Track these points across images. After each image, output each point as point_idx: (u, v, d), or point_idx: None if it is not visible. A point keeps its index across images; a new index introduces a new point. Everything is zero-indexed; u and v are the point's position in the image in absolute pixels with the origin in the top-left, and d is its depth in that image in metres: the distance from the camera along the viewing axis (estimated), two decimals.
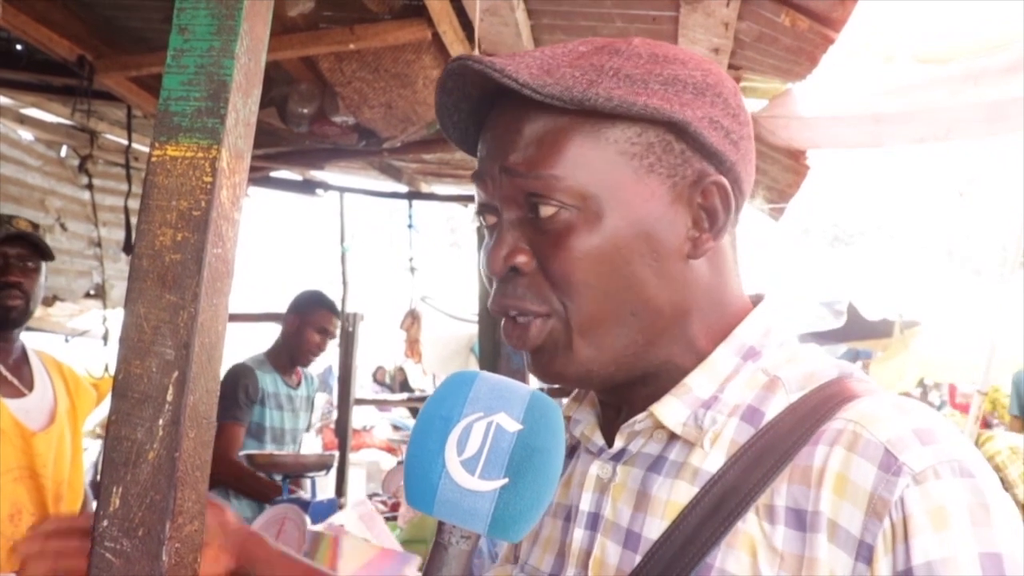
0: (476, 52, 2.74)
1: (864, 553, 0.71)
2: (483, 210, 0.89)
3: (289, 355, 4.05)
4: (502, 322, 0.88)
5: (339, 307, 5.16)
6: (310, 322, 4.01)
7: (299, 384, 4.17)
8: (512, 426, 0.71)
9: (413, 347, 6.49)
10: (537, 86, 0.80)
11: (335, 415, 9.08)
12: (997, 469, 6.59)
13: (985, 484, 0.73)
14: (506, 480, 0.70)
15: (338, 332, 4.22)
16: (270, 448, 3.89)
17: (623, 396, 0.90)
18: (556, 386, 1.18)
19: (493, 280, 0.87)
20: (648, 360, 0.86)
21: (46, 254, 2.72)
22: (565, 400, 1.02)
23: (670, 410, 0.85)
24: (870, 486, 0.72)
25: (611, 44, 0.85)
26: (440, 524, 0.72)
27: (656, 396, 0.86)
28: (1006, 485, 6.50)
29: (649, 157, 0.82)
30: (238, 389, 3.80)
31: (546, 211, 0.82)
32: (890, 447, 0.73)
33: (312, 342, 4.02)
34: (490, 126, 0.87)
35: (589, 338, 0.83)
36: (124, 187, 4.27)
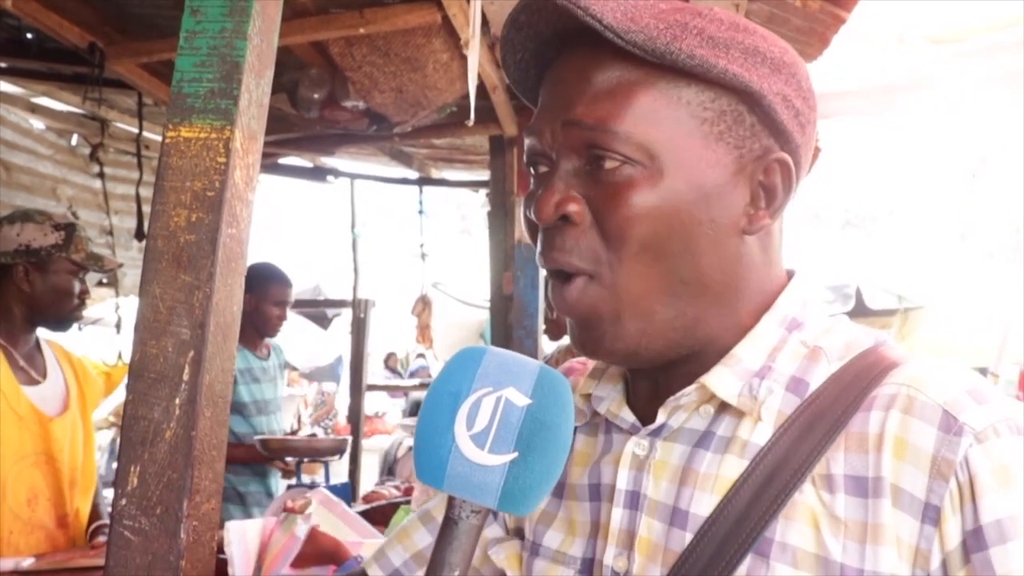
0: (475, 36, 2.73)
1: (931, 515, 0.71)
2: (534, 159, 0.86)
3: (255, 330, 4.15)
4: (549, 287, 0.86)
5: (352, 291, 5.26)
6: (265, 298, 4.11)
7: (269, 355, 4.28)
8: (521, 400, 0.71)
9: (424, 333, 6.50)
10: (621, 31, 0.78)
11: (325, 405, 9.15)
12: None
13: None
14: (516, 454, 0.70)
15: (292, 300, 4.36)
16: (257, 420, 4.02)
17: (665, 373, 0.87)
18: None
19: (538, 232, 0.85)
20: (696, 337, 0.84)
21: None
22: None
23: (722, 381, 0.83)
24: (932, 448, 0.72)
25: (693, 6, 0.84)
26: (450, 499, 0.72)
27: (699, 372, 0.84)
28: None
29: (720, 124, 0.81)
30: None
31: (608, 164, 0.80)
32: (948, 408, 0.73)
33: (272, 315, 4.14)
34: (557, 72, 0.85)
35: (637, 309, 0.81)
36: (135, 175, 4.28)
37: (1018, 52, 2.95)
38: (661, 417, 0.86)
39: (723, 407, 0.84)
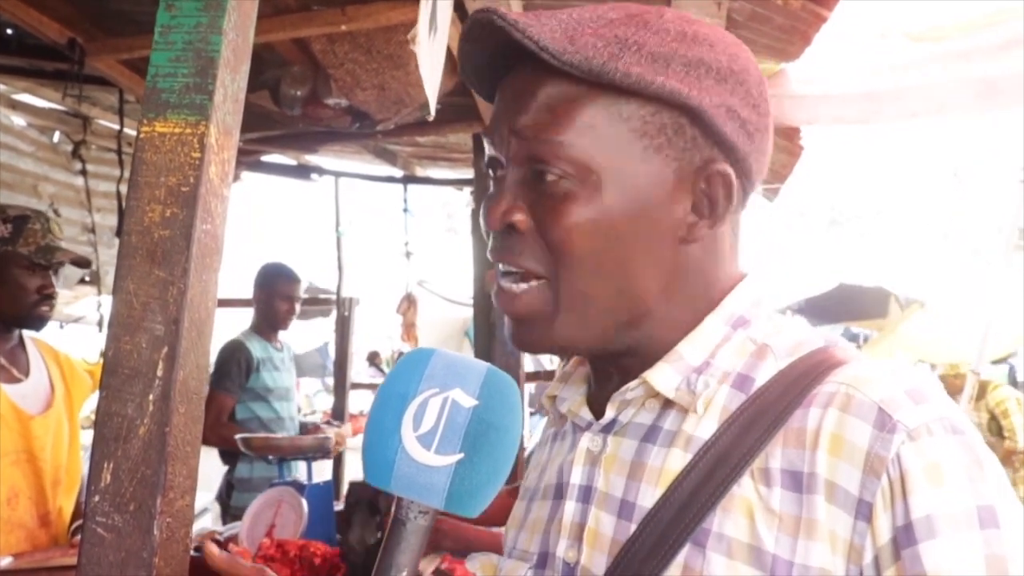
0: (438, 30, 2.72)
1: (863, 511, 0.72)
2: (492, 163, 0.89)
3: (269, 324, 4.53)
4: (495, 287, 0.87)
5: (336, 289, 5.43)
6: (275, 293, 4.51)
7: (282, 348, 4.64)
8: (468, 401, 0.72)
9: (409, 331, 6.49)
10: (556, 52, 0.79)
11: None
12: (1003, 415, 6.67)
13: (975, 440, 0.75)
14: (462, 455, 0.71)
15: (300, 294, 4.74)
16: (279, 405, 4.39)
17: (615, 365, 0.90)
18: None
19: (489, 234, 0.88)
20: (630, 336, 0.86)
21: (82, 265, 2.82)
22: (537, 382, 1.01)
23: (662, 376, 0.85)
24: (866, 444, 0.73)
25: (642, 15, 0.84)
26: (398, 500, 0.73)
27: (647, 365, 0.86)
28: (1007, 432, 6.58)
29: (659, 138, 0.82)
30: (231, 363, 4.27)
31: (548, 176, 0.82)
32: (883, 406, 0.74)
33: (282, 309, 4.53)
34: (507, 83, 0.87)
35: (574, 313, 0.83)
36: (118, 172, 4.26)
37: (996, 57, 2.97)
38: (610, 412, 0.88)
39: (668, 402, 0.86)
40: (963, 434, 0.74)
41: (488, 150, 0.88)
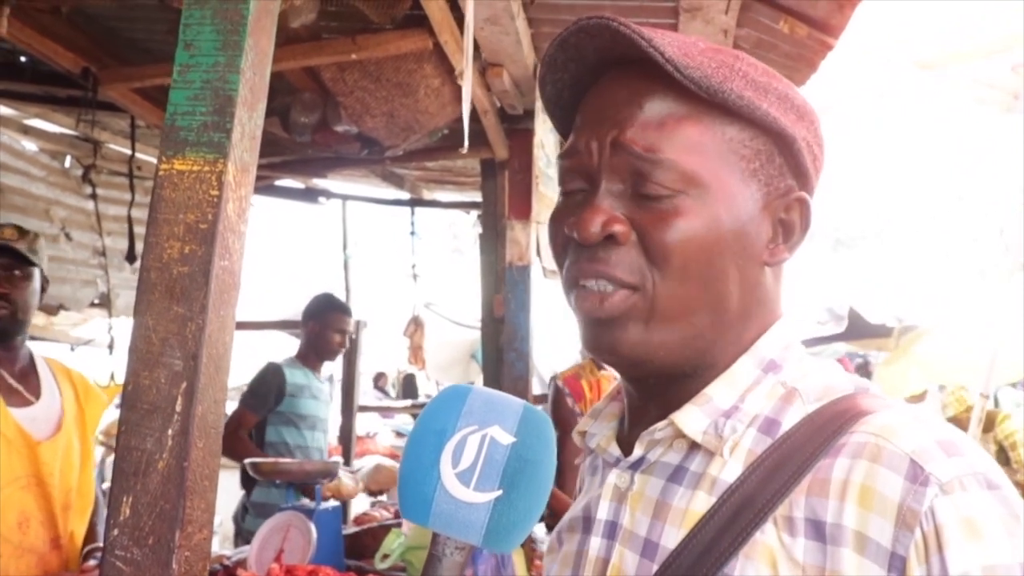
0: (468, 66, 2.75)
1: (896, 565, 0.71)
2: (570, 176, 0.89)
3: (316, 354, 4.57)
4: (575, 291, 0.87)
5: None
6: (328, 325, 4.52)
7: (323, 379, 4.68)
8: (506, 439, 0.73)
9: (416, 354, 6.49)
10: (680, 65, 0.81)
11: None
12: (1011, 448, 6.62)
13: (1012, 495, 0.74)
14: (500, 492, 0.71)
15: (352, 329, 4.72)
16: (309, 434, 4.45)
17: (660, 392, 0.89)
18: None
19: (568, 248, 0.87)
20: (703, 358, 0.87)
21: (30, 261, 2.68)
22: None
23: (690, 419, 0.85)
24: (898, 497, 0.72)
25: (727, 48, 0.88)
26: (434, 536, 0.73)
27: (696, 393, 0.87)
28: (1015, 464, 6.53)
29: (755, 162, 0.85)
30: (262, 384, 4.34)
31: (656, 192, 0.83)
32: (915, 458, 0.73)
33: (333, 341, 4.55)
34: (604, 93, 0.87)
35: (667, 322, 0.84)
36: (128, 196, 4.30)
37: (1001, 77, 2.99)
38: (638, 450, 0.88)
39: (696, 443, 0.86)
40: (999, 488, 0.73)
41: (570, 161, 0.88)
